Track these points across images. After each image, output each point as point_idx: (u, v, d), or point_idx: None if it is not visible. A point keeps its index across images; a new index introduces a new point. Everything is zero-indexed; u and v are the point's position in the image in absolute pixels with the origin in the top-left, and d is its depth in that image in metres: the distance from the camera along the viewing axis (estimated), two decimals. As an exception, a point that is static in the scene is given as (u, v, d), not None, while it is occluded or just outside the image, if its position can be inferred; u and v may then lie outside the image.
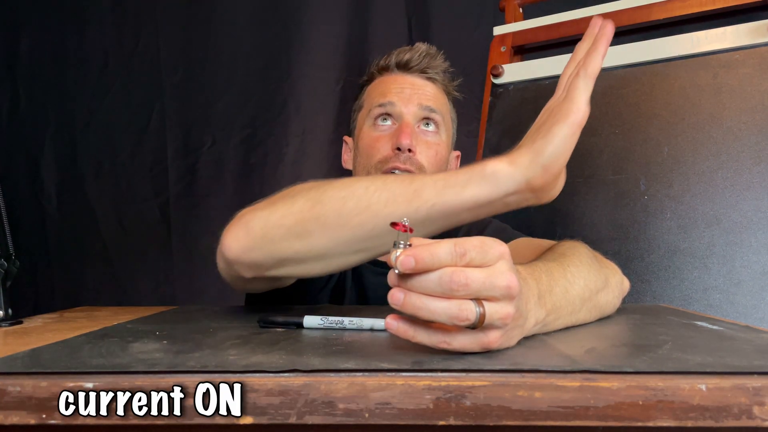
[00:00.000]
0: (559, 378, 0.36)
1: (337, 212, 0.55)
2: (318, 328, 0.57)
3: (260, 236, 0.57)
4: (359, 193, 0.55)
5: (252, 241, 0.58)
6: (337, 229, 0.55)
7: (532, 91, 1.28)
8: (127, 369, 0.39)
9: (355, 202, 0.54)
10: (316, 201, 0.56)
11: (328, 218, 0.55)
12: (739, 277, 1.00)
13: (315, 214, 0.55)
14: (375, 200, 0.54)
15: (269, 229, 0.57)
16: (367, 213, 0.54)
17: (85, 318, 0.71)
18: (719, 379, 0.36)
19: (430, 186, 0.53)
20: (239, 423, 0.36)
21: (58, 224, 1.83)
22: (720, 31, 1.10)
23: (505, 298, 0.40)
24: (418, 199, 0.53)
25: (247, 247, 0.58)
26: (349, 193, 0.55)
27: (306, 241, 0.56)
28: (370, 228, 0.54)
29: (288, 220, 0.56)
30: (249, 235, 0.58)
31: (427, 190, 0.53)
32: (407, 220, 0.43)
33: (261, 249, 0.58)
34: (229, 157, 1.79)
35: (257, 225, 0.58)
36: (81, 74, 1.82)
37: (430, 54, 0.90)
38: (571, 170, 1.18)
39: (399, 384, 0.36)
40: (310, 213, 0.55)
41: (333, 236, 0.55)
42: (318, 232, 0.55)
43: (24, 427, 0.37)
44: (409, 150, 0.84)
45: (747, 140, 1.04)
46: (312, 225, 0.55)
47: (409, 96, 0.87)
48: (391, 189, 0.54)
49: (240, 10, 1.77)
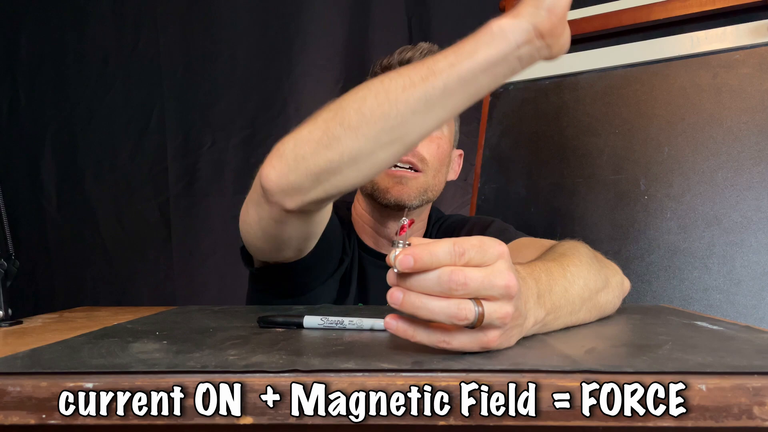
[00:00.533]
0: (559, 378, 0.36)
1: (358, 111, 0.56)
2: (318, 328, 0.57)
3: (293, 157, 0.59)
4: (376, 87, 0.56)
5: (286, 164, 0.59)
6: (363, 126, 0.56)
7: (532, 91, 1.28)
8: (127, 369, 0.39)
9: (373, 96, 0.56)
10: (337, 109, 0.57)
11: (351, 119, 0.56)
12: (739, 277, 1.00)
13: (338, 120, 0.57)
14: (393, 88, 0.55)
15: (300, 148, 0.58)
16: (388, 102, 0.55)
17: (85, 318, 0.71)
18: (719, 379, 0.36)
19: (441, 60, 0.54)
20: (239, 423, 0.36)
21: (58, 224, 1.83)
22: (720, 31, 1.10)
23: (504, 297, 0.40)
24: (433, 76, 0.54)
25: (283, 172, 0.59)
26: (367, 91, 0.57)
27: (336, 147, 0.57)
28: (394, 116, 0.55)
29: (315, 134, 0.58)
30: (282, 159, 0.59)
31: (440, 64, 0.54)
32: (407, 220, 0.43)
33: (297, 169, 0.59)
34: (229, 157, 1.79)
35: (288, 148, 0.59)
36: (81, 75, 1.82)
37: (432, 52, 0.90)
38: (571, 170, 1.19)
39: (399, 384, 0.36)
40: (333, 121, 0.57)
41: (361, 135, 0.56)
42: (345, 135, 0.56)
43: (24, 427, 0.37)
44: None
45: (747, 140, 1.04)
46: (338, 130, 0.56)
47: None
48: (405, 74, 0.55)
49: (240, 10, 1.77)
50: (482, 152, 1.32)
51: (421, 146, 0.87)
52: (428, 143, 0.88)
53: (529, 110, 1.28)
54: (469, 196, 1.48)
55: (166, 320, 0.64)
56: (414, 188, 0.87)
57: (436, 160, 0.89)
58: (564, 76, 1.25)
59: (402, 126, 0.56)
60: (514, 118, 1.30)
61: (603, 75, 1.21)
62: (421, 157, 0.87)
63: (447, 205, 1.70)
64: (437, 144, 0.89)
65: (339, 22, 1.73)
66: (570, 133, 1.22)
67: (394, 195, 0.86)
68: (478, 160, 1.32)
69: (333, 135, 0.57)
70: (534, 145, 1.26)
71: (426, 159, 0.87)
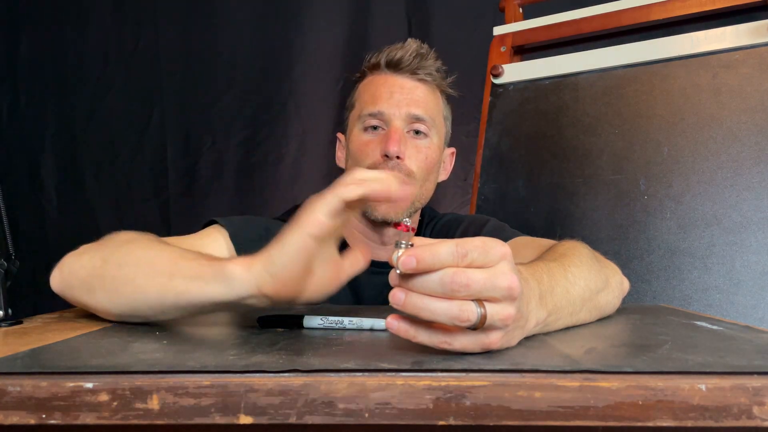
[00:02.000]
0: (559, 378, 0.36)
1: (112, 277, 0.57)
2: (318, 328, 0.57)
3: (66, 282, 0.62)
4: (131, 263, 0.57)
5: (60, 283, 0.63)
6: (111, 293, 0.58)
7: (532, 91, 1.28)
8: (127, 369, 0.39)
9: (125, 272, 0.57)
10: (104, 261, 0.59)
11: (105, 281, 0.58)
12: (739, 277, 1.00)
13: (99, 273, 0.58)
14: (139, 274, 0.56)
15: (71, 277, 0.62)
16: (131, 285, 0.56)
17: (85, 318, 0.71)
18: (719, 379, 0.36)
19: (183, 274, 0.53)
20: (239, 423, 0.36)
21: (58, 224, 1.83)
22: (720, 31, 1.10)
23: (507, 298, 0.40)
24: (170, 284, 0.54)
25: (59, 288, 0.63)
26: (126, 261, 0.57)
27: (92, 296, 0.59)
28: (133, 300, 0.56)
29: (81, 273, 0.60)
30: (60, 276, 0.63)
31: (178, 279, 0.53)
32: (408, 221, 0.43)
33: (66, 292, 0.63)
34: (229, 157, 1.79)
35: (65, 269, 0.62)
36: (81, 74, 1.83)
37: (421, 53, 0.88)
38: (571, 170, 1.20)
39: (399, 384, 0.36)
40: (96, 271, 0.59)
41: (109, 298, 0.58)
42: (98, 292, 0.59)
43: (24, 427, 0.37)
44: (398, 157, 0.84)
45: (747, 140, 1.04)
46: (95, 283, 0.59)
47: (398, 101, 0.86)
48: (155, 266, 0.55)
49: (240, 10, 1.77)
50: (482, 152, 1.32)
51: (408, 159, 0.85)
52: (416, 154, 0.86)
53: (529, 110, 1.28)
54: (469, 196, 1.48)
55: (166, 320, 0.64)
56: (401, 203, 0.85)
57: (424, 171, 0.87)
58: (564, 76, 1.25)
59: (143, 309, 0.57)
60: (514, 118, 1.30)
61: (603, 75, 1.21)
62: (408, 171, 0.85)
63: (447, 205, 1.70)
64: (425, 155, 0.87)
65: (339, 22, 1.73)
66: (570, 133, 1.22)
67: (381, 212, 0.85)
68: (478, 160, 1.32)
69: (91, 285, 0.59)
70: (534, 145, 1.26)
71: (413, 171, 0.85)
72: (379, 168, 0.84)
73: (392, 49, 0.89)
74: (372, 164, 0.85)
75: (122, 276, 0.57)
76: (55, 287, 0.64)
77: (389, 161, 0.84)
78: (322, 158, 1.79)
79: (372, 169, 0.84)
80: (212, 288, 0.52)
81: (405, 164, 0.85)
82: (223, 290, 0.51)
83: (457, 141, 1.01)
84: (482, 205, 1.30)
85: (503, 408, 0.36)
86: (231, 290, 0.51)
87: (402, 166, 0.84)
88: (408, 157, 0.85)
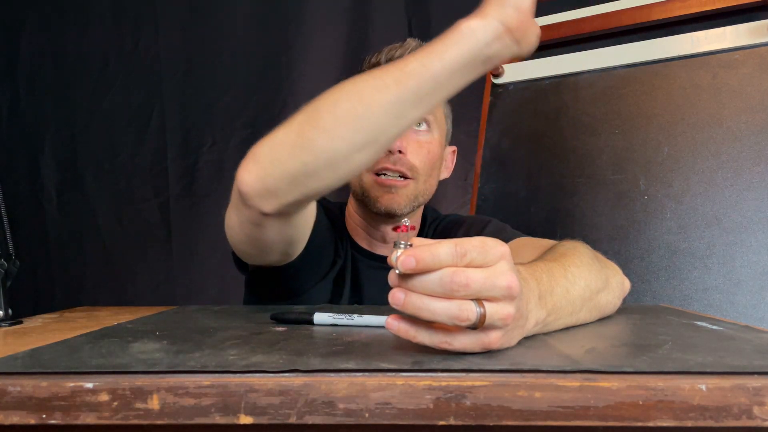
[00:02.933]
0: (559, 378, 0.36)
1: (332, 113, 0.57)
2: (328, 325, 0.57)
3: (269, 161, 0.59)
4: (349, 89, 0.57)
5: (262, 167, 0.59)
6: (337, 128, 0.56)
7: (532, 91, 1.28)
8: (127, 369, 0.39)
9: (347, 99, 0.56)
10: (312, 111, 0.58)
11: (326, 122, 0.57)
12: (739, 277, 1.00)
13: (313, 123, 0.57)
14: (366, 90, 0.56)
15: (275, 151, 0.59)
16: (361, 105, 0.56)
17: (85, 318, 0.71)
18: (719, 379, 0.36)
19: (413, 62, 0.55)
20: (239, 423, 0.36)
21: (58, 224, 1.83)
22: (720, 31, 1.10)
23: (506, 298, 0.40)
24: (405, 77, 0.55)
25: (259, 175, 0.59)
26: (340, 93, 0.57)
27: (311, 150, 0.57)
28: (367, 118, 0.56)
29: (290, 137, 0.58)
30: (258, 163, 0.60)
31: (411, 65, 0.55)
32: (408, 221, 0.43)
33: (273, 172, 0.59)
34: (229, 157, 1.79)
35: (264, 151, 0.60)
36: (81, 74, 1.82)
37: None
38: (572, 170, 1.20)
39: (399, 384, 0.36)
40: (308, 124, 0.58)
41: (335, 137, 0.56)
42: (320, 138, 0.57)
43: (24, 427, 0.37)
44: (400, 152, 0.84)
45: (747, 140, 1.04)
46: (313, 133, 0.57)
47: None
48: (378, 76, 0.56)
49: (240, 10, 1.77)
50: (482, 152, 1.32)
51: (410, 153, 0.85)
52: (418, 149, 0.87)
53: (529, 110, 1.28)
54: (469, 196, 1.48)
55: (166, 320, 0.64)
56: (404, 196, 0.86)
57: (426, 166, 0.87)
58: (564, 76, 1.25)
59: (376, 128, 0.57)
60: (514, 118, 1.30)
61: (603, 75, 1.21)
62: (411, 165, 0.85)
63: (447, 205, 1.70)
64: (427, 149, 0.87)
65: (339, 22, 1.73)
66: (570, 133, 1.22)
67: (384, 204, 0.85)
68: (478, 160, 1.32)
69: (308, 138, 0.57)
70: (534, 145, 1.26)
71: (416, 166, 0.86)
72: (380, 162, 0.84)
73: (392, 48, 0.89)
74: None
75: (344, 105, 0.56)
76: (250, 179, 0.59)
77: (391, 156, 0.84)
78: (321, 158, 1.78)
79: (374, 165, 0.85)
80: (454, 51, 0.54)
81: (407, 159, 0.85)
82: (467, 45, 0.54)
83: (457, 141, 1.01)
84: (482, 205, 1.30)
85: (503, 408, 0.36)
86: (476, 40, 0.53)
87: (404, 161, 0.85)
88: (410, 152, 0.86)
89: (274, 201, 0.61)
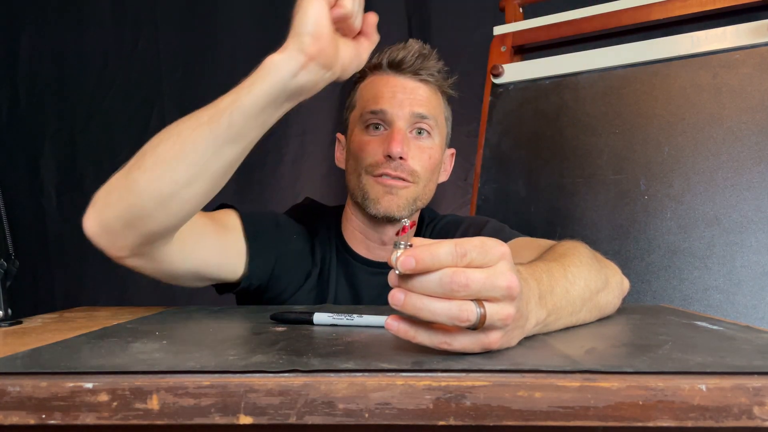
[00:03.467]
0: (559, 378, 0.36)
1: (154, 155, 0.59)
2: (328, 325, 0.57)
3: (103, 205, 0.62)
4: (171, 129, 0.59)
5: (98, 212, 0.62)
6: (157, 168, 0.59)
7: (532, 91, 1.28)
8: (127, 369, 0.39)
9: (167, 138, 0.59)
10: (139, 154, 0.61)
11: (148, 163, 0.59)
12: (739, 277, 1.00)
13: (138, 165, 0.60)
14: (184, 129, 0.58)
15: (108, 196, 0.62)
16: (179, 143, 0.58)
17: (85, 318, 0.71)
18: (719, 379, 0.36)
19: (226, 97, 0.57)
20: (239, 423, 0.36)
21: (58, 224, 1.83)
22: (720, 31, 1.10)
23: (506, 298, 0.40)
24: (218, 113, 0.57)
25: (96, 221, 0.62)
26: (164, 134, 0.60)
27: (137, 192, 0.59)
28: (185, 155, 0.58)
29: (119, 181, 0.61)
30: (95, 207, 0.62)
31: (224, 101, 0.57)
32: (408, 221, 0.43)
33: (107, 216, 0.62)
34: (228, 157, 1.78)
35: (99, 196, 0.62)
36: (81, 75, 1.82)
37: (423, 54, 0.88)
38: (572, 170, 1.20)
39: (399, 384, 0.36)
40: (135, 166, 0.60)
41: (156, 177, 0.59)
42: (143, 179, 0.59)
43: (24, 427, 0.37)
44: (401, 158, 0.84)
45: (747, 140, 1.04)
46: (137, 174, 0.59)
47: (401, 101, 0.86)
48: (196, 114, 0.58)
49: (240, 10, 1.77)
50: (482, 152, 1.32)
51: (411, 158, 0.85)
52: (419, 154, 0.86)
53: (529, 110, 1.28)
54: (469, 196, 1.48)
55: (166, 320, 0.64)
56: (404, 198, 0.85)
57: (427, 171, 0.87)
58: (564, 76, 1.24)
59: (196, 165, 0.58)
60: (514, 118, 1.30)
61: (603, 75, 1.21)
62: (411, 170, 0.85)
63: (447, 205, 1.70)
64: (428, 155, 0.87)
65: (339, 22, 1.73)
66: (570, 133, 1.22)
67: (383, 206, 0.84)
68: (478, 160, 1.32)
69: (133, 180, 0.59)
70: (534, 145, 1.26)
71: (417, 171, 0.85)
72: (380, 167, 0.84)
73: (394, 49, 0.88)
74: (374, 163, 0.85)
75: (165, 145, 0.58)
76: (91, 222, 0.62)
77: (392, 162, 0.84)
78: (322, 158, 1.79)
79: (374, 167, 0.85)
80: (261, 85, 0.56)
81: (408, 164, 0.85)
82: (272, 78, 0.55)
83: (457, 141, 1.01)
84: (482, 205, 1.30)
85: (503, 408, 0.36)
86: (279, 72, 0.55)
87: (405, 167, 0.84)
88: (411, 157, 0.85)
89: (118, 244, 0.63)
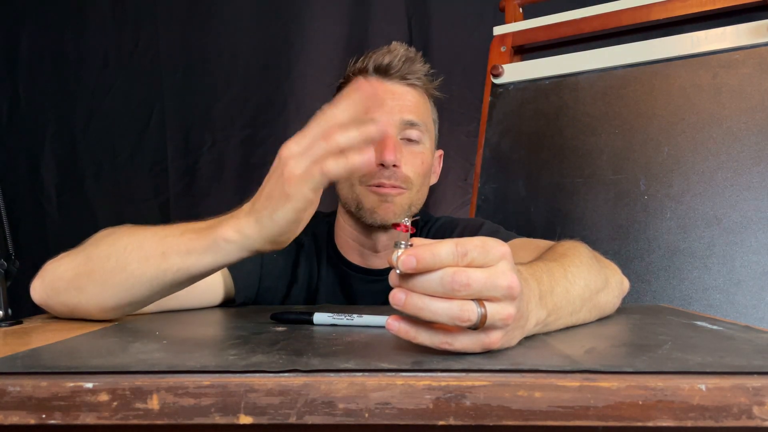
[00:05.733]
0: (559, 378, 0.36)
1: (101, 270, 0.59)
2: (328, 325, 0.57)
3: (50, 285, 0.64)
4: (119, 252, 0.59)
5: (44, 289, 0.64)
6: (104, 285, 0.59)
7: (532, 91, 1.28)
8: (127, 369, 0.39)
9: (115, 261, 0.58)
10: (88, 258, 0.61)
11: (95, 275, 0.59)
12: (739, 277, 1.00)
13: (87, 270, 0.60)
14: (130, 260, 0.58)
15: (55, 280, 0.63)
16: (124, 273, 0.58)
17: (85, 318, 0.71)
18: (719, 379, 0.36)
19: (175, 251, 0.56)
20: (239, 423, 0.36)
21: (58, 224, 1.83)
22: (720, 31, 1.10)
23: (507, 298, 0.40)
24: (165, 263, 0.56)
25: (41, 296, 0.65)
26: (113, 252, 0.59)
27: (83, 294, 0.61)
28: (129, 286, 0.58)
29: (68, 274, 0.62)
30: (43, 281, 0.64)
31: (173, 257, 0.56)
32: (408, 220, 0.43)
33: (52, 297, 0.64)
34: (229, 157, 1.79)
35: (48, 274, 0.64)
36: (81, 74, 1.82)
37: (409, 58, 0.86)
38: (571, 170, 1.20)
39: (399, 384, 0.36)
40: (83, 268, 0.61)
41: (102, 291, 0.60)
42: (90, 287, 0.60)
43: (24, 427, 0.37)
44: (394, 165, 0.83)
45: (747, 140, 1.04)
46: (84, 280, 0.60)
47: (390, 108, 0.85)
48: (144, 249, 0.57)
49: (240, 9, 1.77)
50: (482, 152, 1.32)
51: (404, 165, 0.84)
52: (412, 160, 0.85)
53: (529, 110, 1.28)
54: (469, 196, 1.48)
55: (166, 320, 0.64)
56: (399, 205, 0.84)
57: (420, 176, 0.86)
58: (564, 76, 1.25)
59: (139, 293, 0.59)
60: (514, 118, 1.30)
61: (603, 75, 1.21)
62: (405, 177, 0.84)
63: (447, 205, 1.70)
64: (421, 160, 0.86)
65: (339, 22, 1.73)
66: (570, 133, 1.22)
67: (380, 215, 0.84)
68: (478, 160, 1.32)
69: (80, 283, 0.61)
70: (534, 145, 1.26)
71: (410, 178, 0.85)
72: (374, 177, 0.83)
73: (379, 53, 0.86)
74: (368, 174, 0.83)
75: (112, 266, 0.58)
76: (38, 297, 0.65)
77: (385, 170, 0.83)
78: (321, 158, 1.78)
79: (368, 177, 0.84)
80: (208, 258, 0.55)
81: (401, 171, 0.84)
82: (220, 258, 0.55)
83: (457, 141, 1.01)
84: (482, 205, 1.30)
85: (503, 408, 0.36)
86: (227, 256, 0.54)
87: (398, 174, 0.84)
88: (404, 164, 0.84)
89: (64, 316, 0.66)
